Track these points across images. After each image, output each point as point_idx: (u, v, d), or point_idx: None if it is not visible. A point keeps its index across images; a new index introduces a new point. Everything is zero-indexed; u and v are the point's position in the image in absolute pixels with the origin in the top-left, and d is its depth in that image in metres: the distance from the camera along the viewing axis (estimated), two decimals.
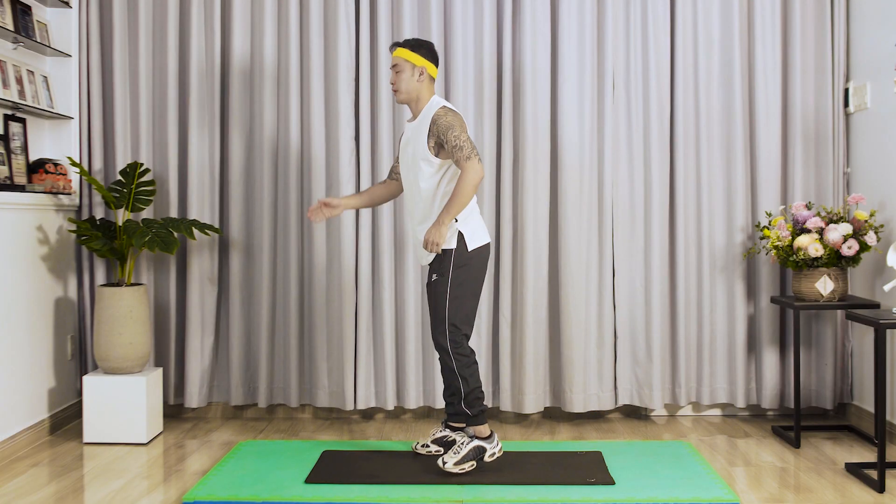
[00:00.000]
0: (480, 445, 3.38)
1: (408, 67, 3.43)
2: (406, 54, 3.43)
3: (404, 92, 3.45)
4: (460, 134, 3.30)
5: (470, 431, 3.43)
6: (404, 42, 3.48)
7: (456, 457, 3.34)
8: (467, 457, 3.35)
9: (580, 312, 4.27)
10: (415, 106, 3.49)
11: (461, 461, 3.34)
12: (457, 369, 3.36)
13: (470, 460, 3.36)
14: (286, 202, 4.35)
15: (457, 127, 3.31)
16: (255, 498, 3.12)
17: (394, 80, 3.46)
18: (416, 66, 3.43)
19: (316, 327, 4.33)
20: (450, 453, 3.37)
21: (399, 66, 3.44)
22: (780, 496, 3.22)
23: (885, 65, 3.92)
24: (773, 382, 4.32)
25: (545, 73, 4.29)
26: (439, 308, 3.36)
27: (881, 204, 4.00)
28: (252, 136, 4.38)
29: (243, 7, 4.35)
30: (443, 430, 3.67)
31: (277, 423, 4.37)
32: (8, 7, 3.91)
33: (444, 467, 3.33)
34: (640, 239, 4.35)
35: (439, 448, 3.65)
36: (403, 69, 3.43)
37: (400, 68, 3.44)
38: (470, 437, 3.41)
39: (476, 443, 3.38)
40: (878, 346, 3.42)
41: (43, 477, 3.44)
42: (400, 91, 3.45)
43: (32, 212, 3.99)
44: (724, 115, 4.35)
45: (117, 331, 3.96)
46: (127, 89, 4.38)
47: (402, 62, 3.44)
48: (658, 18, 4.32)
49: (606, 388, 4.33)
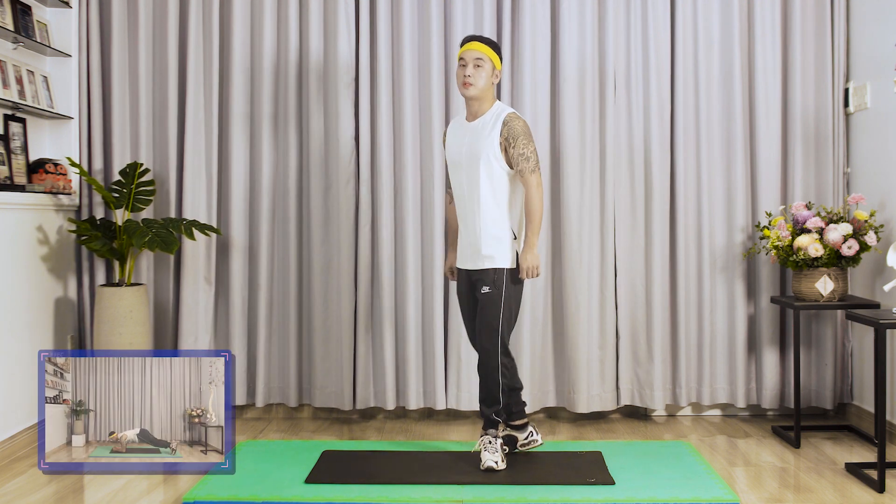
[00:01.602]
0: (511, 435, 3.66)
1: (489, 66, 3.43)
2: (491, 53, 3.44)
3: (479, 88, 3.42)
4: (528, 143, 3.40)
5: (493, 433, 3.51)
6: (488, 40, 3.48)
7: (498, 455, 3.45)
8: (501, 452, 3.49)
9: (581, 312, 4.27)
10: (478, 106, 3.47)
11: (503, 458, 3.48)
12: (501, 383, 3.44)
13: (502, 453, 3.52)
14: (285, 202, 4.35)
15: (527, 136, 3.41)
16: (255, 498, 3.12)
17: (471, 73, 3.40)
18: (495, 68, 3.46)
19: (315, 327, 4.33)
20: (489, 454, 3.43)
21: (483, 60, 3.41)
22: (780, 496, 3.22)
23: (885, 65, 3.92)
24: (773, 382, 4.32)
25: (545, 73, 4.29)
26: (493, 321, 3.40)
27: (881, 204, 4.00)
28: (252, 136, 4.38)
29: (243, 7, 4.35)
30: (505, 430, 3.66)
31: (277, 423, 4.37)
32: (8, 7, 3.91)
33: (497, 467, 3.41)
34: (641, 239, 4.35)
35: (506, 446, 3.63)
36: (485, 66, 3.42)
37: (483, 63, 3.41)
38: (494, 437, 3.50)
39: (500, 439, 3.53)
40: (878, 346, 3.41)
41: (43, 477, 3.43)
42: (476, 86, 3.41)
43: (32, 212, 3.99)
44: (724, 114, 4.35)
45: (117, 331, 3.96)
46: (126, 89, 4.37)
47: (487, 59, 3.43)
48: (658, 18, 4.32)
49: (608, 388, 4.33)
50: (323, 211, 4.32)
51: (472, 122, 3.48)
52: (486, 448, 3.44)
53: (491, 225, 3.42)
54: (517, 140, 3.37)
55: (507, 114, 3.42)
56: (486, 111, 3.47)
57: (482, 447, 3.47)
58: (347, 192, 4.30)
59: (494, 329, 3.40)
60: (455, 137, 3.53)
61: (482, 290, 3.41)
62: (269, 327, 4.38)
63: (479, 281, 3.44)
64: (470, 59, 3.42)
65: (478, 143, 3.41)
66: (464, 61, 3.44)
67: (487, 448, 3.44)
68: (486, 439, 3.47)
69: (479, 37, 3.49)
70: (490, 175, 3.40)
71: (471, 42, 3.46)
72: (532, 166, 3.38)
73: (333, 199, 4.31)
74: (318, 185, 4.32)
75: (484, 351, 3.44)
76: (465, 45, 3.47)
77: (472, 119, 3.49)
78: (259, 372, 4.36)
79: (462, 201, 3.49)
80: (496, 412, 3.48)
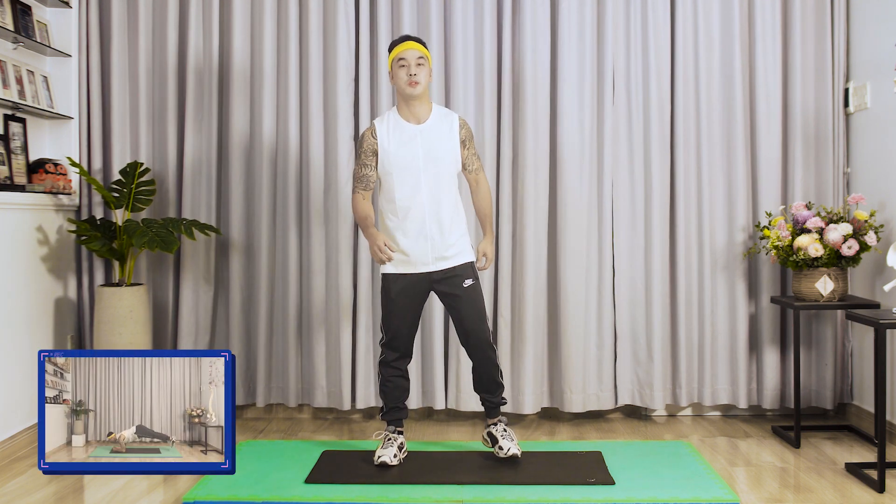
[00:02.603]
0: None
1: (428, 65, 3.47)
2: (426, 52, 3.48)
3: (423, 87, 3.44)
4: (474, 144, 3.60)
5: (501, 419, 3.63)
6: (423, 41, 3.52)
7: (515, 440, 3.55)
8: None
9: (580, 312, 4.27)
10: (419, 106, 3.45)
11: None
12: (498, 363, 3.60)
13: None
14: (285, 202, 4.35)
15: (473, 138, 3.60)
16: (254, 498, 3.12)
17: (416, 71, 3.41)
18: (430, 68, 3.50)
19: (314, 327, 4.32)
20: (508, 440, 3.53)
21: (424, 59, 3.44)
22: (780, 496, 3.22)
23: (885, 65, 3.92)
24: (773, 383, 4.32)
25: (545, 73, 4.29)
26: (482, 311, 3.53)
27: (881, 204, 4.00)
28: (251, 136, 4.38)
29: (242, 7, 4.35)
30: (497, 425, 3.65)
31: (277, 423, 4.37)
32: (8, 7, 3.91)
33: (519, 453, 3.50)
34: (641, 238, 4.35)
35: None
36: (426, 65, 3.45)
37: (424, 62, 3.44)
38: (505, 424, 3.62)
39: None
40: (878, 346, 3.41)
41: (43, 477, 3.44)
42: (421, 84, 3.43)
43: (32, 212, 3.99)
44: (724, 114, 4.35)
45: (117, 331, 3.96)
46: (126, 89, 4.38)
47: (426, 60, 3.46)
48: (658, 18, 4.31)
49: (606, 387, 4.33)
50: (323, 211, 4.33)
51: (421, 125, 3.46)
52: (503, 436, 3.54)
53: (458, 222, 3.51)
54: (471, 141, 3.56)
55: (457, 116, 3.53)
56: (427, 112, 3.48)
57: (499, 435, 3.55)
58: (347, 192, 4.30)
59: (485, 318, 3.53)
60: (401, 140, 3.45)
61: (464, 283, 3.48)
62: (268, 327, 4.38)
63: (457, 277, 3.47)
64: (412, 58, 3.42)
65: (439, 146, 3.44)
66: (405, 61, 3.42)
67: (504, 436, 3.54)
68: (499, 428, 3.58)
69: (414, 37, 3.51)
70: (452, 175, 3.50)
71: (408, 42, 3.47)
72: (480, 165, 3.61)
73: (333, 199, 4.31)
74: (318, 185, 4.32)
75: (482, 341, 3.52)
76: (402, 45, 3.46)
77: (416, 121, 3.46)
78: (259, 372, 4.36)
79: (417, 203, 3.43)
80: (501, 394, 3.62)
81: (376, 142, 3.47)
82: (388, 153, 3.44)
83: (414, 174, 3.43)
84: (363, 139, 3.50)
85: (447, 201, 3.45)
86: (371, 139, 3.48)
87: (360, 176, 3.52)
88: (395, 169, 3.43)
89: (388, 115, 3.52)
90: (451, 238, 3.46)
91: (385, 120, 3.50)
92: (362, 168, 3.51)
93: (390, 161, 3.44)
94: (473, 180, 3.61)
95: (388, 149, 3.44)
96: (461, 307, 3.49)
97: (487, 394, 3.61)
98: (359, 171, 3.52)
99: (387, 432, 3.58)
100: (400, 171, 3.43)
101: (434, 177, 3.43)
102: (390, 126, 3.47)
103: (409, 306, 3.53)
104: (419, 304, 3.56)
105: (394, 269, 3.49)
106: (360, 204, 3.54)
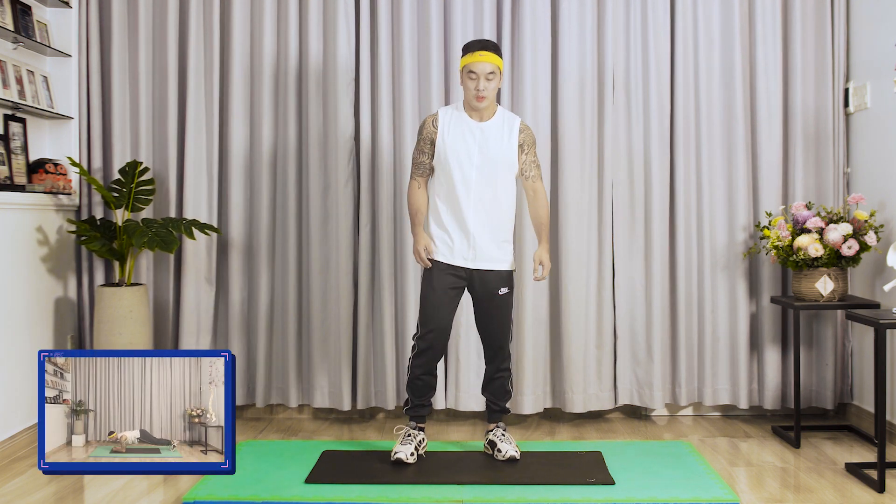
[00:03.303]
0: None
1: (499, 77, 3.42)
2: (501, 64, 3.43)
3: (491, 98, 3.42)
4: (536, 152, 3.58)
5: (503, 424, 3.66)
6: (496, 47, 3.44)
7: (514, 443, 3.58)
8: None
9: (580, 312, 4.27)
10: (485, 112, 3.48)
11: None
12: (511, 371, 3.69)
13: None
14: (285, 202, 4.35)
15: (535, 145, 3.58)
16: (255, 498, 3.12)
17: (484, 86, 3.38)
18: (502, 74, 3.47)
19: (315, 327, 4.32)
20: (507, 443, 3.55)
21: (495, 74, 3.39)
22: (780, 496, 3.22)
23: (885, 65, 3.92)
24: (773, 383, 4.32)
25: (545, 73, 4.29)
26: (509, 321, 3.60)
27: (881, 204, 4.00)
28: (251, 136, 4.38)
29: (242, 7, 4.35)
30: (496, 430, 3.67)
31: (277, 423, 4.37)
32: (8, 7, 3.91)
33: (517, 455, 3.51)
34: (641, 238, 4.35)
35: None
36: (496, 78, 3.41)
37: (494, 77, 3.39)
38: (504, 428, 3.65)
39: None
40: (878, 346, 3.41)
41: (43, 477, 3.43)
42: (489, 98, 3.40)
43: (32, 212, 3.99)
44: (724, 114, 4.34)
45: (117, 331, 3.96)
46: (126, 89, 4.37)
47: (498, 71, 3.41)
48: (658, 18, 4.31)
49: (606, 387, 4.33)
50: (323, 211, 4.32)
51: (482, 123, 3.47)
52: (501, 440, 3.56)
53: (502, 227, 3.51)
54: (531, 148, 3.53)
55: (520, 121, 3.52)
56: (493, 113, 3.50)
57: (497, 439, 3.57)
58: (347, 192, 4.30)
59: (509, 328, 3.61)
60: (460, 133, 3.48)
61: (500, 290, 3.52)
62: (269, 327, 4.38)
63: (497, 281, 3.51)
64: (482, 72, 3.38)
65: (498, 147, 3.45)
66: (475, 74, 3.39)
67: (502, 440, 3.56)
68: (498, 433, 3.60)
69: (489, 45, 3.43)
70: (508, 179, 3.49)
71: (482, 52, 3.39)
72: (540, 173, 3.58)
73: (333, 199, 4.31)
74: (318, 185, 4.32)
75: (501, 349, 3.59)
76: (475, 54, 3.39)
77: (479, 119, 3.48)
78: (259, 372, 4.36)
79: (464, 198, 3.46)
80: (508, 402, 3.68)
81: (436, 131, 3.51)
82: (444, 144, 3.48)
83: (466, 170, 3.45)
84: (424, 126, 3.55)
85: (495, 203, 3.46)
86: (431, 128, 3.53)
87: (417, 162, 3.59)
88: (449, 161, 3.47)
89: (454, 107, 3.55)
90: (492, 240, 3.47)
91: (450, 111, 3.54)
92: (420, 154, 3.57)
93: (446, 152, 3.47)
94: (531, 188, 3.57)
95: (446, 140, 3.48)
96: (490, 313, 3.55)
97: (494, 398, 3.65)
98: (416, 156, 3.58)
99: (407, 427, 3.59)
100: (453, 163, 3.46)
101: (486, 176, 3.44)
102: (452, 118, 3.50)
103: (447, 297, 3.53)
104: (455, 299, 3.56)
105: (439, 257, 3.53)
106: (414, 193, 3.60)
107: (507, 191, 3.50)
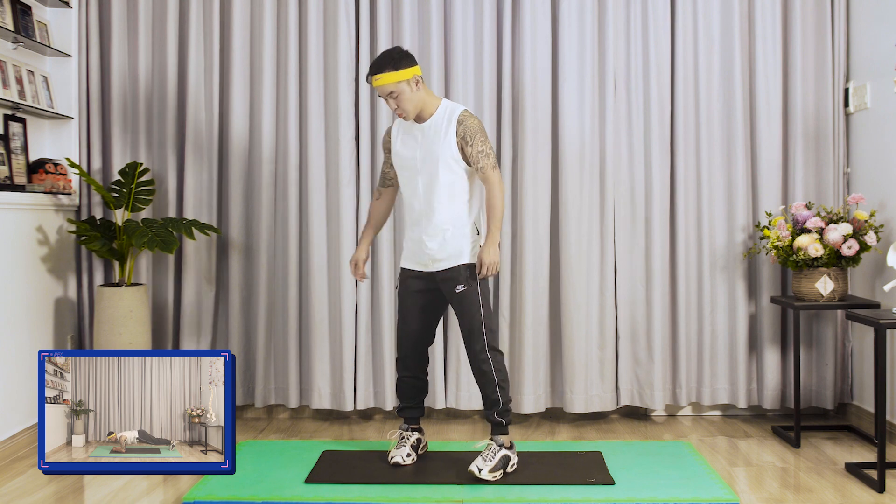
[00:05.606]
0: (507, 455, 3.36)
1: (405, 87, 3.28)
2: (395, 77, 3.25)
3: (412, 110, 3.32)
4: (485, 141, 3.33)
5: (499, 440, 3.37)
6: (382, 65, 3.28)
7: (490, 464, 3.28)
8: (498, 465, 3.31)
9: (581, 312, 4.27)
10: (423, 113, 3.38)
11: (494, 469, 3.29)
12: (497, 380, 3.35)
13: (499, 469, 3.31)
14: (285, 202, 4.35)
15: (483, 133, 3.33)
16: (254, 498, 3.12)
17: (395, 106, 3.31)
18: (409, 81, 3.28)
19: (315, 327, 4.32)
20: (482, 460, 3.29)
21: (396, 91, 3.27)
22: (780, 496, 3.22)
23: (885, 65, 3.92)
24: (774, 383, 4.31)
25: (545, 73, 4.29)
26: (475, 318, 3.34)
27: (881, 204, 4.00)
28: (252, 136, 4.38)
29: (242, 7, 4.35)
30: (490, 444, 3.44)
31: (277, 424, 4.37)
32: (8, 7, 3.91)
33: (480, 474, 3.25)
34: (641, 238, 4.35)
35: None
36: (402, 91, 3.27)
37: (398, 93, 3.27)
38: (499, 446, 3.35)
39: (504, 452, 3.35)
40: (878, 346, 3.41)
41: (43, 477, 3.43)
42: (408, 112, 3.32)
43: (32, 212, 3.99)
44: (724, 114, 4.35)
45: (117, 331, 3.96)
46: (126, 89, 4.38)
47: (397, 86, 3.27)
48: (658, 18, 4.31)
49: (608, 388, 4.33)
50: (323, 211, 4.32)
51: (423, 124, 3.38)
52: (483, 455, 3.31)
53: (453, 224, 3.35)
54: (474, 138, 3.30)
55: (459, 112, 3.34)
56: (433, 111, 3.37)
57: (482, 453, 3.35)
58: (347, 192, 4.30)
59: (477, 328, 3.34)
60: (405, 140, 3.43)
61: (456, 289, 3.34)
62: (268, 327, 4.38)
63: (450, 280, 3.36)
64: (384, 94, 3.31)
65: (434, 146, 3.33)
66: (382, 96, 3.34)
67: (484, 455, 3.31)
68: (492, 447, 3.35)
69: (376, 64, 3.29)
70: (450, 176, 3.34)
71: (373, 77, 3.29)
72: (493, 163, 3.33)
73: (333, 199, 4.31)
74: (318, 185, 4.32)
75: (473, 352, 3.36)
76: (371, 81, 3.31)
77: (420, 120, 3.39)
78: (259, 372, 4.36)
79: (416, 204, 3.41)
80: (499, 412, 3.36)
81: (390, 141, 3.53)
82: (395, 153, 3.48)
83: (413, 174, 3.41)
84: (383, 138, 3.60)
85: (444, 202, 3.35)
86: (387, 138, 3.56)
87: (381, 172, 3.64)
88: (399, 168, 3.47)
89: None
90: (448, 239, 3.35)
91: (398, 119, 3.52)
92: (384, 164, 3.61)
93: (396, 160, 3.47)
94: (483, 179, 3.35)
95: (395, 148, 3.47)
96: (457, 311, 3.41)
97: (485, 408, 3.42)
98: (382, 166, 3.63)
99: (400, 430, 3.57)
100: (402, 170, 3.45)
101: (429, 176, 3.35)
102: (402, 127, 3.47)
103: (413, 303, 3.48)
104: (426, 303, 3.49)
105: (403, 263, 3.53)
106: (372, 203, 3.68)
107: (453, 187, 3.34)
